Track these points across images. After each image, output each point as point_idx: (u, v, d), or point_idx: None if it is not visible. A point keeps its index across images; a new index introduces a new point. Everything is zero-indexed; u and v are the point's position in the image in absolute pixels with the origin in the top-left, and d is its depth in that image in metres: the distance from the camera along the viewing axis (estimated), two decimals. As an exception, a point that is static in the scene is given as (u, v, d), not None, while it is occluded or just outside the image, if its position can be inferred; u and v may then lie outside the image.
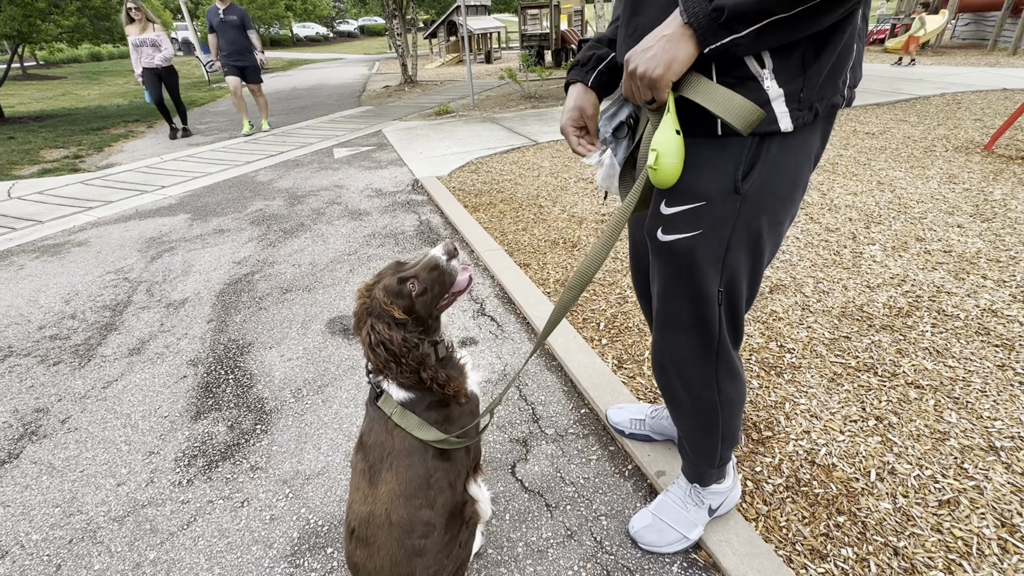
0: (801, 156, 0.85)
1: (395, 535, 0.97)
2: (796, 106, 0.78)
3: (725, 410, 1.09)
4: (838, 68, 0.78)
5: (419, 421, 1.01)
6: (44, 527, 1.40)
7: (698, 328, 0.99)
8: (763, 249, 0.93)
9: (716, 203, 0.86)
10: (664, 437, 1.56)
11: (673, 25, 0.73)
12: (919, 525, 1.32)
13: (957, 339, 1.99)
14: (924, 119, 6.10)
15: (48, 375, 2.07)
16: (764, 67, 0.75)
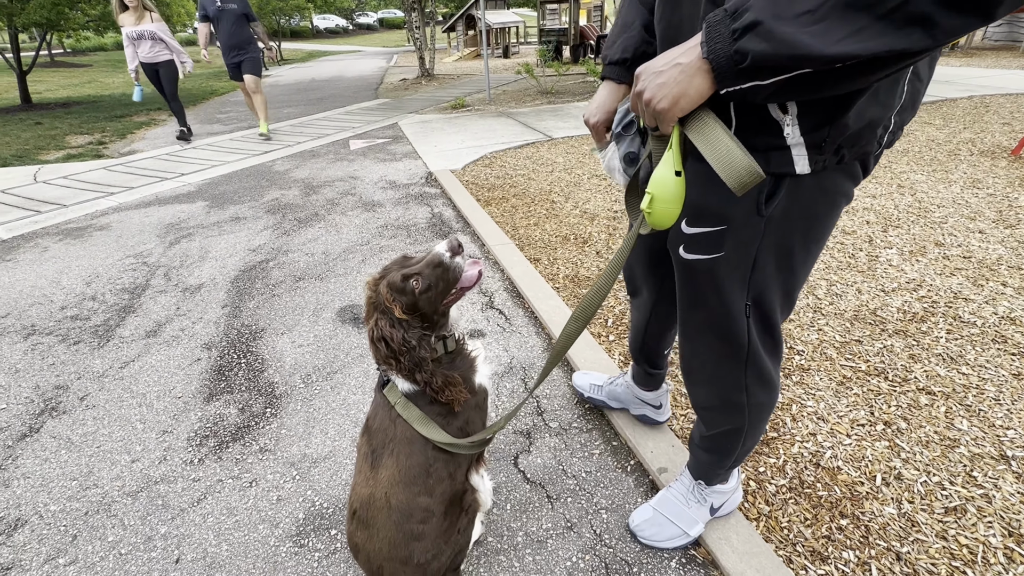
0: (826, 191, 0.79)
1: (394, 519, 0.99)
2: (817, 152, 0.72)
3: (753, 414, 1.06)
4: (873, 117, 0.70)
5: (421, 415, 1.03)
6: (61, 499, 1.46)
7: (726, 339, 0.96)
8: (795, 264, 0.87)
9: (739, 226, 0.83)
10: (619, 404, 1.62)
11: (691, 55, 0.64)
12: (924, 531, 1.31)
13: (972, 346, 1.96)
14: (950, 122, 5.96)
15: (68, 354, 2.13)
16: (787, 113, 0.69)
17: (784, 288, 0.90)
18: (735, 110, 0.73)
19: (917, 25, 0.51)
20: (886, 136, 0.75)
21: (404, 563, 1.02)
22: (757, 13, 0.56)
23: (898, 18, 0.52)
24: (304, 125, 7.08)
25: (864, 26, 0.53)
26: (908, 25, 0.52)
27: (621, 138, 1.02)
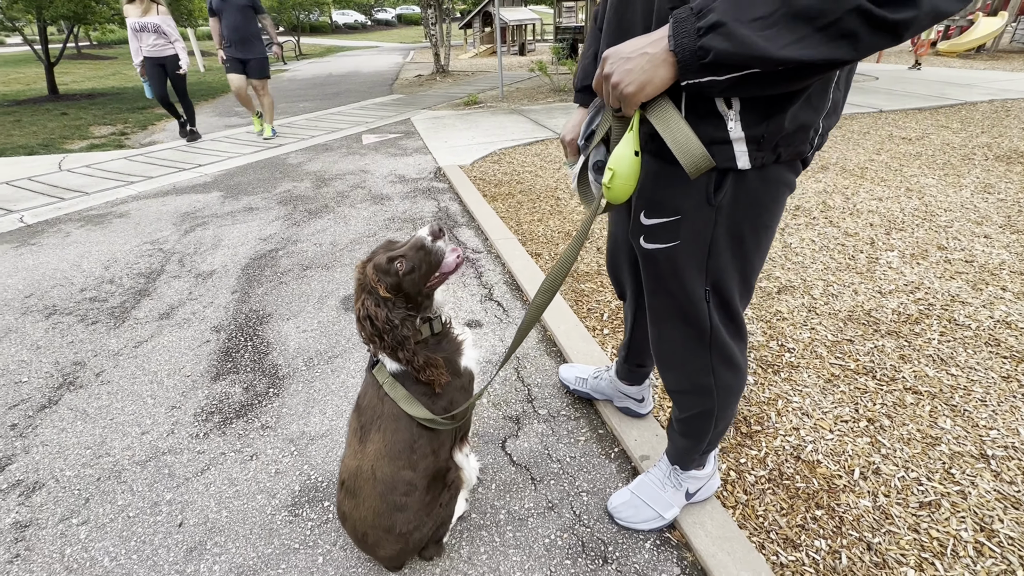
0: (768, 183, 0.85)
1: (379, 490, 1.06)
2: (756, 148, 0.79)
3: (721, 396, 1.11)
4: (804, 120, 0.78)
5: (406, 394, 1.09)
6: (76, 465, 1.55)
7: (688, 323, 1.01)
8: (748, 250, 0.93)
9: (691, 216, 0.88)
10: (603, 397, 1.70)
11: (658, 47, 0.70)
12: (896, 524, 1.34)
13: (964, 348, 1.97)
14: (967, 126, 5.87)
15: (87, 333, 2.24)
16: (731, 108, 0.76)
17: (740, 274, 0.95)
18: (686, 100, 0.78)
19: (846, 39, 0.59)
20: (816, 138, 0.82)
21: (387, 532, 1.08)
22: (720, 15, 0.63)
23: (832, 32, 0.59)
24: (319, 119, 7.20)
25: (805, 35, 0.60)
26: (839, 39, 0.60)
27: (585, 148, 1.07)
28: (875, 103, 7.15)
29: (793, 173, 0.87)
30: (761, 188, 0.85)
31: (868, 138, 5.34)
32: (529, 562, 1.25)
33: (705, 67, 0.66)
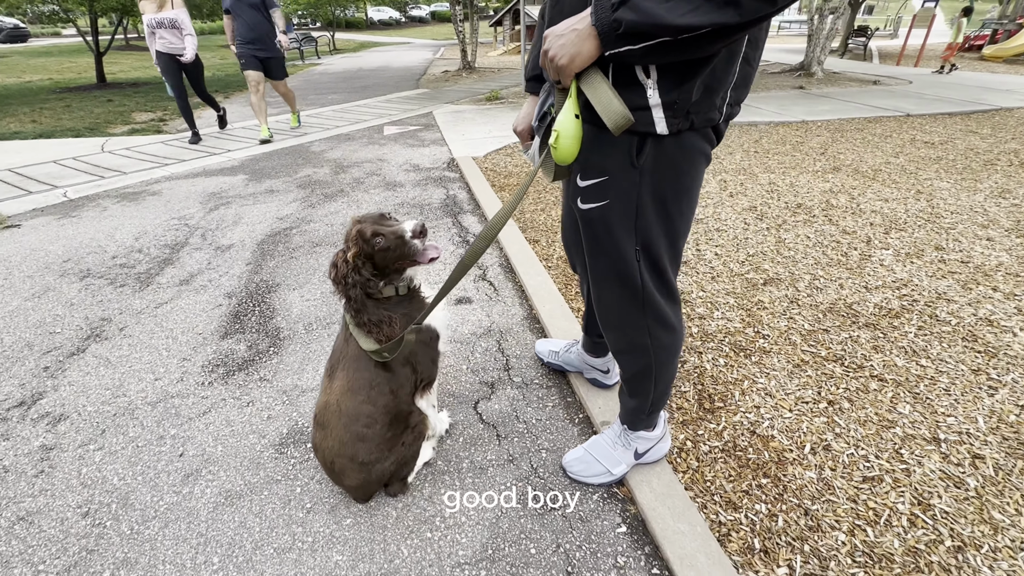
0: (685, 150, 0.95)
1: (343, 421, 1.20)
2: (672, 115, 0.89)
3: (658, 354, 1.21)
4: (713, 88, 0.88)
5: (362, 335, 1.22)
6: (97, 403, 1.75)
7: (622, 282, 1.12)
8: (672, 214, 1.03)
9: (618, 177, 0.99)
10: (574, 369, 1.82)
11: (583, 23, 0.81)
12: (837, 494, 1.41)
13: (940, 342, 2.00)
14: (997, 132, 5.70)
15: (115, 294, 2.46)
16: (649, 78, 0.86)
17: (667, 237, 1.06)
18: (614, 72, 0.89)
19: (730, 6, 0.70)
20: (724, 107, 0.92)
21: (351, 460, 1.22)
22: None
23: (720, 1, 0.70)
24: (345, 111, 7.45)
25: (699, 5, 0.71)
26: (725, 6, 0.71)
27: (539, 129, 1.19)
28: (903, 107, 6.98)
29: (707, 142, 0.97)
30: (678, 154, 0.95)
31: (888, 141, 5.25)
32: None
33: (620, 37, 0.78)
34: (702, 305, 2.30)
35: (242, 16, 5.10)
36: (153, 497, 1.39)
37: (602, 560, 1.24)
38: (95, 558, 1.24)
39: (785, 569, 1.24)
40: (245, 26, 5.13)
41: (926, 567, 1.22)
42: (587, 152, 1.00)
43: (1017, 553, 1.24)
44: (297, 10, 23.75)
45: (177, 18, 5.00)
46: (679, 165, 0.97)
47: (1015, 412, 1.66)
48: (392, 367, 1.24)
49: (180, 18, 5.02)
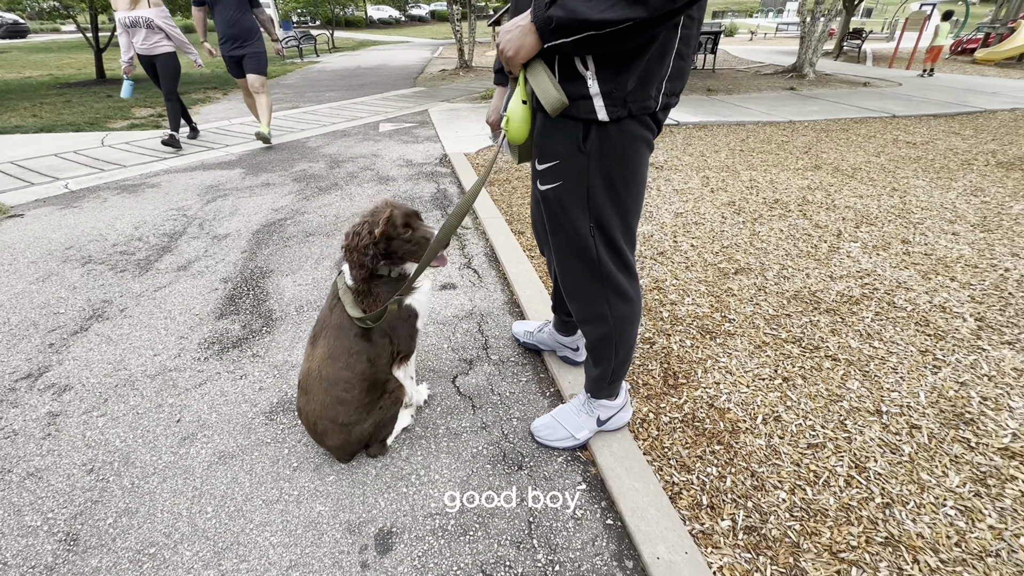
0: (630, 128, 1.06)
1: (324, 386, 1.32)
2: (611, 103, 1.00)
3: (617, 323, 1.33)
4: (647, 80, 0.99)
5: (352, 299, 1.34)
6: (100, 375, 1.86)
7: (580, 257, 1.24)
8: (621, 195, 1.15)
9: (568, 160, 1.11)
10: (547, 347, 1.94)
11: (525, 20, 0.94)
12: (782, 459, 1.54)
13: (893, 326, 2.13)
14: (979, 133, 5.84)
15: (115, 278, 2.58)
16: (588, 70, 0.98)
17: (619, 215, 1.18)
18: (559, 67, 1.02)
19: (639, 4, 0.83)
20: (660, 97, 1.04)
21: (332, 421, 1.34)
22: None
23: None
24: (342, 108, 7.56)
25: (614, 3, 0.84)
26: (635, 3, 0.83)
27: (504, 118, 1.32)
28: (889, 108, 7.12)
29: (647, 130, 1.09)
30: (620, 139, 1.07)
31: (872, 141, 5.38)
32: (456, 464, 1.50)
33: (554, 32, 0.91)
34: (674, 292, 2.42)
35: (221, 10, 4.55)
36: (152, 456, 1.51)
37: (562, 511, 1.36)
38: (99, 508, 1.36)
39: (728, 522, 1.36)
40: (223, 22, 4.60)
41: (856, 520, 1.35)
42: (541, 138, 1.12)
43: (939, 508, 1.37)
44: (296, 8, 23.84)
45: (155, 18, 4.59)
46: (622, 150, 1.09)
47: (954, 388, 1.78)
48: (371, 337, 1.36)
49: (158, 19, 4.62)
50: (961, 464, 1.50)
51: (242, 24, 4.64)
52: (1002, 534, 1.30)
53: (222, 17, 4.58)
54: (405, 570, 1.21)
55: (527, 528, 1.32)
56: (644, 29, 0.87)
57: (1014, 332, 2.07)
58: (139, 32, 4.65)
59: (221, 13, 4.58)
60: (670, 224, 3.18)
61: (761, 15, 44.45)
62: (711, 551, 1.28)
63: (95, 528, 1.30)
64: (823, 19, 9.95)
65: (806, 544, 1.29)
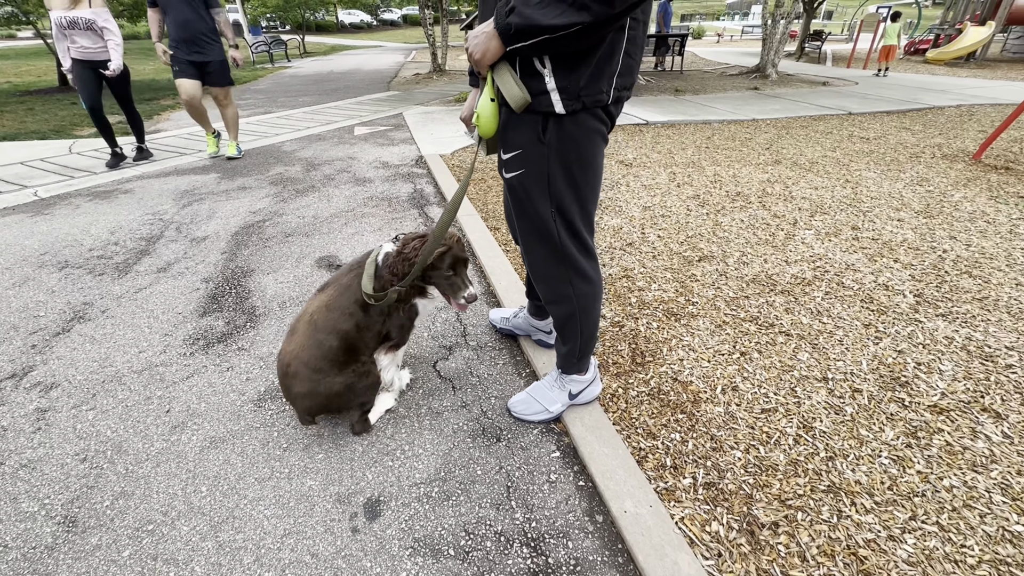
0: (585, 121, 1.18)
1: (310, 329, 1.42)
2: (566, 97, 1.12)
3: (581, 301, 1.44)
4: (598, 75, 1.11)
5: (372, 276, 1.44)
6: (86, 372, 1.90)
7: (544, 239, 1.36)
8: (578, 182, 1.27)
9: (530, 150, 1.23)
10: (522, 332, 2.05)
11: (490, 27, 1.05)
12: (738, 423, 1.68)
13: (841, 303, 2.31)
14: (928, 128, 6.19)
15: (94, 281, 2.59)
16: (545, 68, 1.10)
17: (577, 202, 1.29)
18: (520, 64, 1.13)
19: (584, 9, 0.95)
20: (612, 91, 1.16)
21: (305, 365, 1.41)
22: (516, 2, 1.00)
23: (576, 5, 0.95)
24: (316, 112, 7.56)
25: (563, 10, 0.96)
26: (581, 9, 0.95)
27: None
28: (847, 106, 7.48)
29: (601, 123, 1.21)
30: (576, 131, 1.19)
31: (829, 137, 5.67)
32: (438, 439, 1.60)
33: (513, 36, 1.03)
34: (642, 279, 2.56)
35: (174, 12, 4.19)
36: (144, 444, 1.57)
37: (537, 476, 1.48)
38: (95, 492, 1.41)
39: (689, 479, 1.49)
40: (177, 24, 4.21)
41: (802, 472, 1.49)
42: (506, 131, 1.24)
43: (876, 459, 1.53)
44: (266, 13, 23.54)
45: (95, 19, 4.06)
46: (578, 141, 1.21)
47: (893, 356, 1.96)
48: (369, 311, 1.44)
49: (100, 19, 4.10)
50: (896, 421, 1.66)
51: (197, 27, 4.27)
52: (928, 477, 1.46)
53: (175, 18, 4.21)
54: (393, 533, 1.31)
55: (505, 492, 1.43)
56: (592, 32, 0.99)
57: (948, 305, 2.27)
58: (79, 35, 4.10)
59: (174, 14, 4.21)
60: (638, 217, 3.34)
61: (727, 18, 45.64)
62: (673, 504, 1.40)
63: (93, 510, 1.36)
64: (783, 22, 10.36)
65: (758, 495, 1.43)
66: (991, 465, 1.49)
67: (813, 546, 1.29)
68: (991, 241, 2.91)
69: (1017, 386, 1.79)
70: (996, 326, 2.12)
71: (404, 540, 1.29)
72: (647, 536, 1.29)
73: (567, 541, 1.30)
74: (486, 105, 1.17)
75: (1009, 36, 15.48)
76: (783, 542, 1.30)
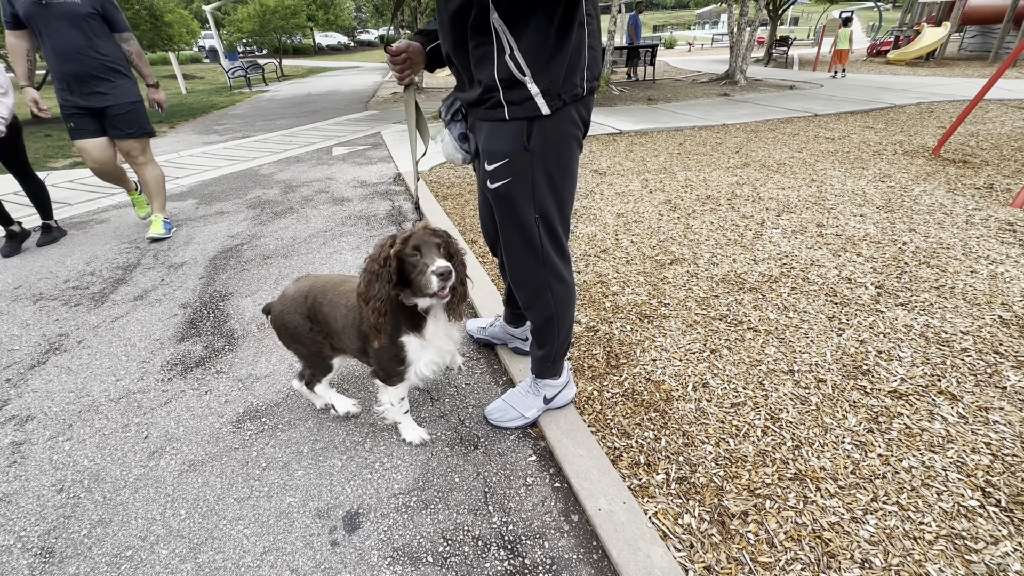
0: (565, 123, 1.27)
1: (330, 284, 1.53)
2: (549, 98, 1.21)
3: (558, 305, 1.50)
4: (572, 71, 1.21)
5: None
6: (62, 403, 1.90)
7: (527, 246, 1.41)
8: (559, 186, 1.35)
9: (515, 158, 1.29)
10: (499, 341, 2.09)
11: None
12: (709, 418, 1.73)
13: (806, 298, 2.39)
14: (890, 126, 6.42)
15: (70, 313, 2.58)
16: (526, 75, 1.18)
17: (557, 206, 1.37)
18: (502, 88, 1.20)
19: None
20: (585, 84, 1.25)
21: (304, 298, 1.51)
22: None
23: None
24: (294, 135, 7.60)
25: None
26: None
27: (452, 124, 1.48)
28: (812, 107, 7.72)
29: (576, 128, 1.30)
30: (556, 135, 1.26)
31: (796, 139, 5.85)
32: (416, 450, 1.62)
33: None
34: (616, 284, 2.63)
35: (52, 36, 2.94)
36: (122, 471, 1.57)
37: (514, 480, 1.51)
38: (72, 522, 1.41)
39: (663, 475, 1.53)
40: (56, 53, 2.99)
41: (770, 462, 1.55)
42: (490, 141, 1.30)
43: (839, 445, 1.59)
44: (242, 38, 23.61)
45: None
46: (558, 146, 1.28)
47: (855, 346, 2.04)
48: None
49: None
50: (858, 407, 1.73)
51: (89, 57, 3.03)
52: (888, 460, 1.52)
53: (55, 46, 2.96)
54: (372, 543, 1.33)
55: (483, 497, 1.46)
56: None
57: (907, 295, 2.37)
58: None
59: (54, 40, 2.94)
60: (612, 224, 3.41)
61: (698, 27, 46.83)
62: (647, 500, 1.45)
63: (70, 540, 1.36)
64: (749, 29, 10.70)
65: (728, 486, 1.48)
66: (947, 445, 1.56)
67: (780, 532, 1.33)
68: (948, 232, 3.03)
69: (972, 368, 1.87)
70: (952, 312, 2.21)
71: (383, 550, 1.31)
72: (620, 532, 1.33)
73: (543, 541, 1.33)
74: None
75: (965, 35, 16.14)
76: (752, 530, 1.34)
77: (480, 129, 1.36)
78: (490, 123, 1.29)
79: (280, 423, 1.75)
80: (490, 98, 1.24)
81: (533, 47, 1.15)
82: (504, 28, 1.14)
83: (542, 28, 1.13)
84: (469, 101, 1.31)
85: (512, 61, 1.17)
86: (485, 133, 1.32)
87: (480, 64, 1.22)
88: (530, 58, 1.16)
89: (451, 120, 1.47)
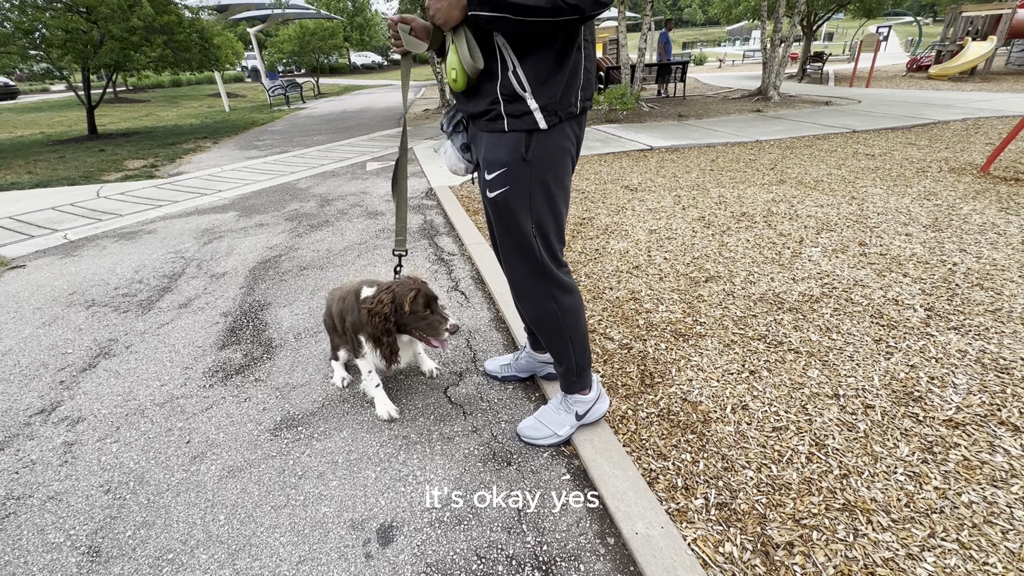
0: (560, 138, 1.30)
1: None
2: (547, 113, 1.24)
3: (566, 316, 1.50)
4: (568, 90, 1.24)
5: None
6: (110, 406, 1.97)
7: (525, 256, 1.43)
8: (554, 196, 1.37)
9: (514, 168, 1.31)
10: (527, 373, 2.00)
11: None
12: (749, 442, 1.67)
13: (850, 320, 2.30)
14: (934, 142, 6.19)
15: (119, 318, 2.70)
16: (526, 91, 1.22)
17: (552, 216, 1.38)
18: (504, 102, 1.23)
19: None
20: (579, 103, 1.28)
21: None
22: None
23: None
24: (330, 150, 7.84)
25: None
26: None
27: (454, 135, 1.51)
28: (850, 124, 7.53)
29: (569, 141, 1.32)
30: (551, 148, 1.29)
31: (833, 155, 5.70)
32: (450, 464, 1.62)
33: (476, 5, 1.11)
34: (649, 301, 2.59)
35: None
36: (165, 475, 1.62)
37: (547, 499, 1.48)
38: (118, 523, 1.45)
39: (701, 500, 1.48)
40: None
41: (816, 491, 1.48)
42: (490, 151, 1.33)
43: (891, 475, 1.51)
44: (282, 58, 24.67)
45: None
46: (554, 157, 1.31)
47: (905, 371, 1.94)
48: None
49: None
50: (910, 436, 1.64)
51: None
52: (946, 493, 1.43)
53: None
54: (406, 558, 1.32)
55: (516, 515, 1.44)
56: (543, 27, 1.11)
57: (960, 319, 2.26)
58: None
59: None
60: (644, 240, 3.38)
61: (728, 44, 46.55)
62: (685, 526, 1.40)
63: (115, 540, 1.40)
64: (783, 45, 10.57)
65: (772, 515, 1.42)
66: (1011, 480, 1.46)
67: (830, 566, 1.27)
68: (1002, 252, 2.88)
69: (1035, 398, 1.76)
70: (1011, 337, 2.09)
71: (416, 565, 1.30)
72: (659, 558, 1.29)
73: (579, 564, 1.30)
74: (454, 61, 1.23)
75: (1013, 49, 15.55)
76: (799, 562, 1.28)
77: (481, 140, 1.38)
78: (490, 134, 1.32)
79: (316, 432, 1.78)
80: (491, 111, 1.28)
81: (535, 66, 1.20)
82: (508, 48, 1.19)
83: (544, 49, 1.19)
84: (471, 113, 1.36)
85: (515, 77, 1.21)
86: (486, 144, 1.35)
87: (484, 79, 1.26)
88: (531, 76, 1.21)
89: (453, 131, 1.50)
